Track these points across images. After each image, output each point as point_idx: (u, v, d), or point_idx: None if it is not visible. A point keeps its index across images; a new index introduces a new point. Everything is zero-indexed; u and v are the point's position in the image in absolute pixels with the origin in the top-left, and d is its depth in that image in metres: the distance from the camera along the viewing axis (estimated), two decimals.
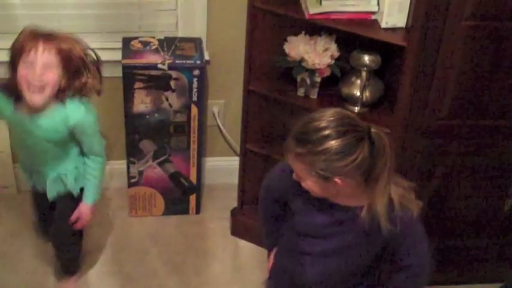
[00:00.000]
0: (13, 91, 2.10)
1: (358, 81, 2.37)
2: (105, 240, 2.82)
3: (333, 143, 1.64)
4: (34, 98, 2.05)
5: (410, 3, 2.12)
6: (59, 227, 2.40)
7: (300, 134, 1.70)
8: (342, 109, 1.79)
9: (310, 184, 1.74)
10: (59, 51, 2.04)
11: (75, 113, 2.16)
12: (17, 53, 2.05)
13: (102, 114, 2.86)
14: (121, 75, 2.62)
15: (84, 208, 2.35)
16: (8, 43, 2.68)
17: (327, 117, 1.69)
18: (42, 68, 2.02)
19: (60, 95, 2.10)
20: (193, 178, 2.89)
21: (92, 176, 2.32)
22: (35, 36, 2.03)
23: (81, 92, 2.15)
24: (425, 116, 2.27)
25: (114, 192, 3.01)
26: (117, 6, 2.71)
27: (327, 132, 1.66)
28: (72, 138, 2.23)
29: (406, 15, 2.13)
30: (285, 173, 1.85)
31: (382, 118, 2.36)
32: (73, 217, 2.35)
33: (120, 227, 2.90)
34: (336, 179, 1.69)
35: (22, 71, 2.03)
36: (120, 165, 2.89)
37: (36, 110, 2.12)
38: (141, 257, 2.76)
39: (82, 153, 2.31)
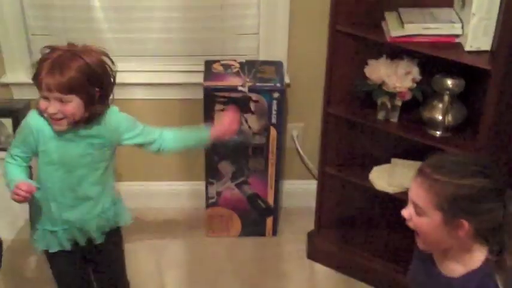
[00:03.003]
0: None
1: (440, 105, 2.34)
2: (182, 259, 2.87)
3: (479, 182, 1.56)
4: (57, 127, 1.99)
5: (496, 26, 2.08)
6: (116, 273, 2.33)
7: (442, 161, 1.61)
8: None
9: (428, 222, 1.61)
10: (75, 82, 1.92)
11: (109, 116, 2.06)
12: (36, 85, 1.96)
13: None
14: (202, 97, 2.67)
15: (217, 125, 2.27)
16: None
17: (475, 157, 1.65)
18: (59, 104, 1.93)
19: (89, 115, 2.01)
20: (270, 200, 2.90)
21: (187, 130, 2.22)
22: (50, 69, 1.91)
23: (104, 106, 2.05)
24: (510, 141, 2.22)
25: (192, 211, 3.06)
26: (200, 31, 2.78)
27: (475, 168, 1.57)
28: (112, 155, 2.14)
29: (492, 38, 2.09)
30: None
31: (465, 143, 2.31)
32: (229, 124, 2.23)
33: (197, 246, 2.93)
34: (463, 221, 1.57)
35: (42, 104, 1.96)
36: (199, 185, 2.93)
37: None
38: (217, 276, 2.79)
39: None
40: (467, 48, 2.15)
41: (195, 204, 3.05)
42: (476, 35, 2.12)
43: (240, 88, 2.65)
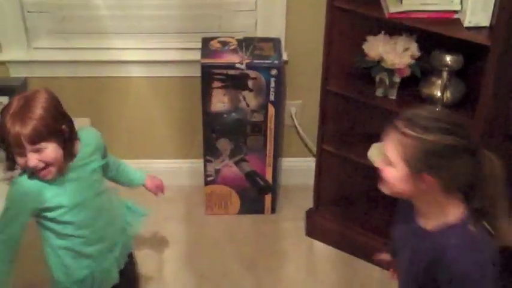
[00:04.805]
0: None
1: (439, 82, 2.32)
2: (181, 237, 2.87)
3: (445, 138, 1.60)
4: (47, 177, 1.91)
5: (495, 2, 2.06)
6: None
7: (415, 115, 1.65)
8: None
9: (394, 173, 1.66)
10: (43, 128, 1.83)
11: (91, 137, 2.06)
12: (6, 147, 1.88)
13: (180, 113, 2.94)
14: (200, 74, 2.66)
15: (151, 178, 2.33)
16: (92, 43, 2.79)
17: (448, 114, 1.68)
18: (36, 155, 1.85)
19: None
20: (268, 178, 2.90)
21: (124, 164, 2.28)
22: (13, 124, 1.82)
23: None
24: (509, 118, 2.20)
25: (191, 189, 3.05)
26: (197, 7, 2.75)
27: (444, 125, 1.62)
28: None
29: (491, 13, 2.07)
30: None
31: (463, 120, 2.30)
32: (155, 190, 2.34)
33: (196, 224, 2.94)
34: (426, 176, 1.62)
35: (19, 161, 1.87)
36: (198, 163, 2.93)
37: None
38: (216, 254, 2.79)
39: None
40: (466, 24, 2.13)
41: (193, 182, 3.04)
42: (475, 10, 2.09)
43: (237, 65, 2.63)
